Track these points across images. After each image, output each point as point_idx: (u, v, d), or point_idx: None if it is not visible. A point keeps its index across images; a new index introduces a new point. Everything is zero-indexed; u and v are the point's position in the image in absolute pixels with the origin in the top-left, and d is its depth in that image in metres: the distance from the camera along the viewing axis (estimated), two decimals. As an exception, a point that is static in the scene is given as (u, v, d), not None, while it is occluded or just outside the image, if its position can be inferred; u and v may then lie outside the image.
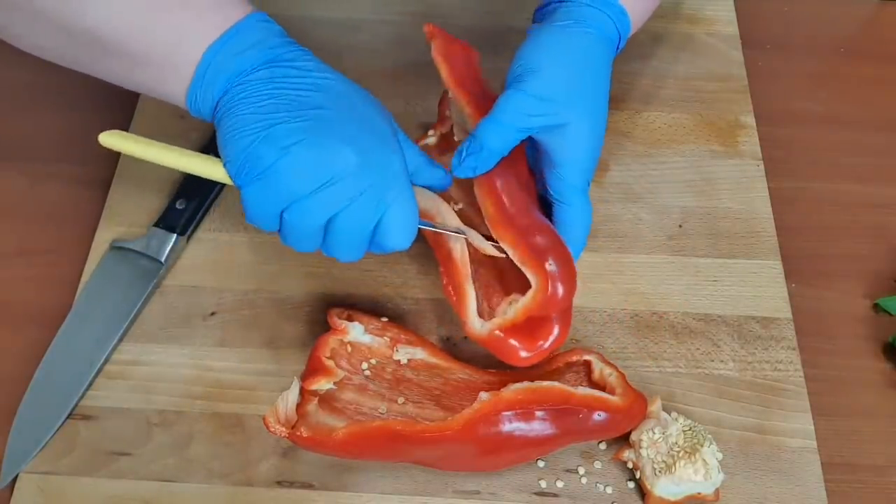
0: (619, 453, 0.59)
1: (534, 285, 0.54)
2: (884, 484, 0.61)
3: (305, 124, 0.48)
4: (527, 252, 0.54)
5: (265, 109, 0.48)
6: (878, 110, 0.79)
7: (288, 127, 0.48)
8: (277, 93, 0.48)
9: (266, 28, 0.51)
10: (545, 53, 0.55)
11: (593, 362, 0.59)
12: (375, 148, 0.49)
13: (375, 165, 0.49)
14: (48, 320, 0.65)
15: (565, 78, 0.55)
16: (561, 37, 0.56)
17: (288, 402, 0.57)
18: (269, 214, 0.50)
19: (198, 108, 0.51)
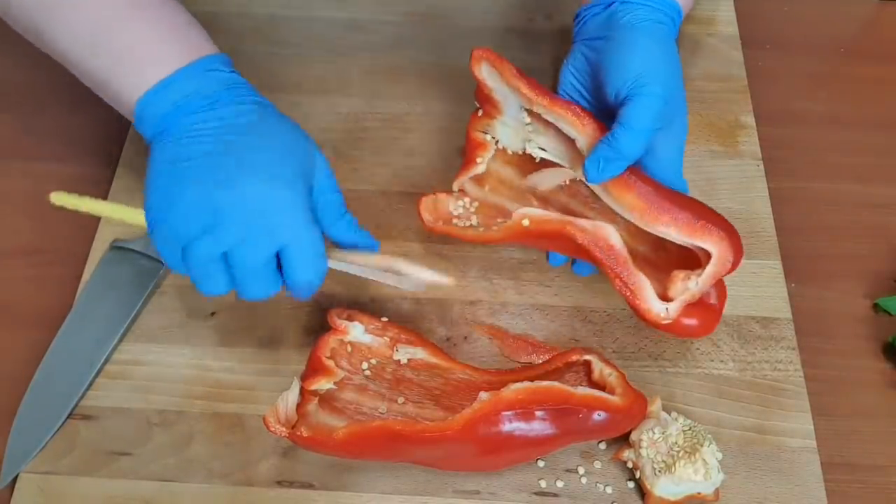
0: (619, 453, 0.59)
1: (715, 253, 0.56)
2: (884, 484, 0.61)
3: (196, 173, 0.52)
4: (693, 227, 0.56)
5: (170, 160, 0.53)
6: (878, 110, 0.79)
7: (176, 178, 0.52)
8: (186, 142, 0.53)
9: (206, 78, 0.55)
10: (649, 58, 0.58)
11: (593, 362, 0.59)
12: (264, 190, 0.52)
13: (263, 207, 0.51)
14: (48, 320, 0.65)
15: (671, 79, 0.58)
16: (652, 39, 0.59)
17: (288, 402, 0.57)
18: (172, 256, 0.53)
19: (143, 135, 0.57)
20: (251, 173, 0.52)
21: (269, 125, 0.55)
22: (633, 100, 0.56)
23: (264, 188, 0.52)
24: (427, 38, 0.82)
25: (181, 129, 0.54)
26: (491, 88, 0.63)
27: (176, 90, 0.54)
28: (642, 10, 0.61)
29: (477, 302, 0.67)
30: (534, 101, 0.60)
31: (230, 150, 0.53)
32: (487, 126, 0.65)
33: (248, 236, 0.51)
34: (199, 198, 0.51)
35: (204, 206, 0.51)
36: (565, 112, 0.60)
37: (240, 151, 0.53)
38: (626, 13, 0.61)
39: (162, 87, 0.54)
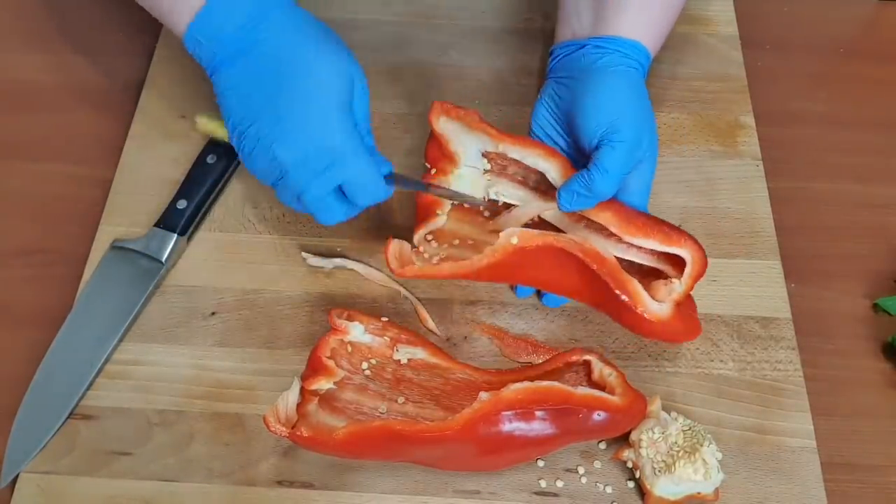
0: (619, 453, 0.59)
1: (690, 258, 0.59)
2: (884, 484, 0.61)
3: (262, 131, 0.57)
4: (667, 237, 0.60)
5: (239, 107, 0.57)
6: (878, 110, 0.79)
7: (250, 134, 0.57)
8: (247, 90, 0.57)
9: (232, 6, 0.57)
10: (622, 104, 0.61)
11: (593, 362, 0.59)
12: (315, 138, 0.56)
13: (315, 155, 0.56)
14: (48, 320, 0.65)
15: (643, 122, 0.61)
16: (624, 84, 0.62)
17: (288, 402, 0.57)
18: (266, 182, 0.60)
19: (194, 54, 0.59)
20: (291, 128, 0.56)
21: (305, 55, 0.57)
22: (607, 145, 0.59)
23: (310, 140, 0.56)
24: (427, 38, 0.82)
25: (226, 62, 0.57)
26: (449, 140, 0.64)
27: (221, 12, 0.56)
28: (615, 55, 0.63)
29: (477, 302, 0.67)
30: (502, 140, 0.62)
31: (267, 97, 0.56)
32: (443, 182, 0.65)
33: (310, 178, 0.57)
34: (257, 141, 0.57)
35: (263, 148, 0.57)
36: (534, 147, 0.62)
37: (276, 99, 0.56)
38: (599, 56, 0.63)
39: (205, 11, 0.56)
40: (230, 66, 0.57)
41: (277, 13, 0.57)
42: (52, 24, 0.83)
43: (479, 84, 0.79)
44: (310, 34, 0.58)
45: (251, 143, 0.57)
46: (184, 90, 0.77)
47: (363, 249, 0.69)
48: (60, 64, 0.80)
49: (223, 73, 0.57)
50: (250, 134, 0.57)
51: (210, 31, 0.56)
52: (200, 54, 0.58)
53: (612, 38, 0.63)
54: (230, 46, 0.57)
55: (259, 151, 0.57)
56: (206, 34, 0.57)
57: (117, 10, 0.83)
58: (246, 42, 0.57)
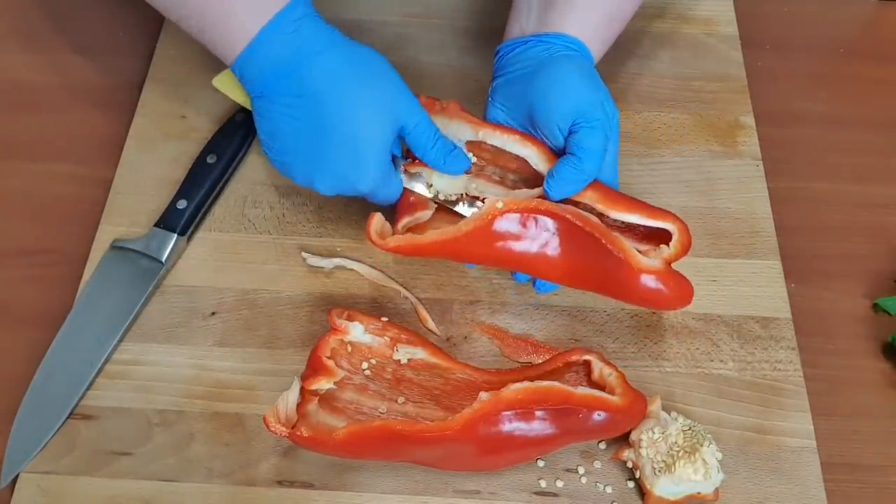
0: (619, 453, 0.59)
1: (675, 229, 0.60)
2: (884, 484, 0.61)
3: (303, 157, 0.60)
4: (651, 212, 0.61)
5: (279, 139, 0.60)
6: (878, 110, 0.79)
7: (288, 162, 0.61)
8: (291, 122, 0.59)
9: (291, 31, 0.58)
10: (583, 88, 0.62)
11: (593, 362, 0.59)
12: (349, 175, 0.60)
13: (347, 187, 0.60)
14: (48, 320, 0.65)
15: (605, 101, 0.62)
16: (577, 68, 0.63)
17: (288, 402, 0.57)
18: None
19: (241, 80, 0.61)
20: (329, 163, 0.59)
21: (349, 93, 0.59)
22: (584, 128, 0.60)
23: (345, 177, 0.60)
24: (427, 38, 0.82)
25: (271, 93, 0.59)
26: None
27: (266, 52, 0.58)
28: (558, 46, 0.64)
29: (477, 302, 0.67)
30: (482, 127, 0.63)
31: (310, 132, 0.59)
32: (425, 176, 0.64)
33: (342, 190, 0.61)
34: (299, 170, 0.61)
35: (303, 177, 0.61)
36: (513, 133, 0.63)
37: (318, 136, 0.59)
38: (545, 49, 0.64)
39: (253, 47, 0.58)
40: (272, 100, 0.59)
41: (321, 56, 0.59)
42: (53, 25, 0.83)
43: (478, 84, 0.79)
44: (353, 74, 0.59)
45: (289, 169, 0.61)
46: (184, 90, 0.77)
47: (363, 249, 0.69)
48: (60, 64, 0.80)
49: (265, 104, 0.60)
50: (288, 162, 0.61)
51: (254, 70, 0.59)
52: (245, 84, 0.61)
53: (557, 34, 0.64)
54: (273, 84, 0.59)
55: (297, 176, 0.61)
56: (250, 71, 0.59)
57: (117, 10, 0.83)
58: (289, 81, 0.58)
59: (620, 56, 0.80)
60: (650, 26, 0.83)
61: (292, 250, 0.69)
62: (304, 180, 0.61)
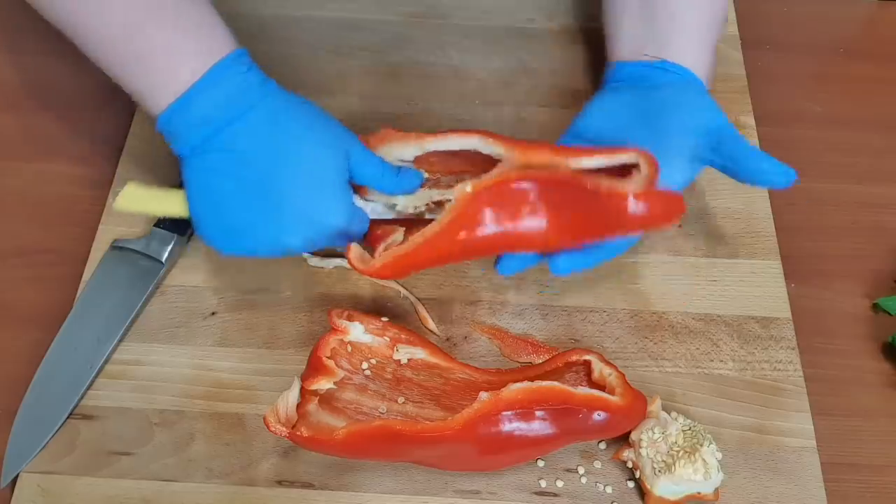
0: (619, 453, 0.59)
1: (640, 158, 0.59)
2: (884, 484, 0.61)
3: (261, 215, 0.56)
4: (610, 151, 0.59)
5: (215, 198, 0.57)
6: (877, 110, 0.79)
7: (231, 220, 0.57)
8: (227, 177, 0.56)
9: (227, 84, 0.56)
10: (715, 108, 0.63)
11: (593, 362, 0.59)
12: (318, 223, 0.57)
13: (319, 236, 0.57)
14: (48, 320, 0.65)
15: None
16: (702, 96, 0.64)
17: (288, 402, 0.57)
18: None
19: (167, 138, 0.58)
20: (294, 217, 0.56)
21: (297, 140, 0.57)
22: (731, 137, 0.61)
23: (314, 226, 0.57)
24: (427, 38, 0.82)
25: (209, 152, 0.56)
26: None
27: (198, 106, 0.55)
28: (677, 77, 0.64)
29: (477, 302, 0.67)
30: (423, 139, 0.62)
31: (264, 188, 0.56)
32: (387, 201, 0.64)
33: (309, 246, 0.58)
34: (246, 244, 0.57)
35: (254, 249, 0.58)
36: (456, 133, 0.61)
37: (274, 189, 0.56)
38: (673, 77, 0.64)
39: (185, 99, 0.55)
40: (210, 146, 0.56)
41: (259, 105, 0.57)
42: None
43: (479, 84, 0.79)
44: (295, 118, 0.58)
45: (246, 237, 0.57)
46: (184, 90, 0.77)
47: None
48: (60, 64, 0.80)
49: (202, 155, 0.56)
50: (242, 227, 0.57)
51: (188, 120, 0.55)
52: (175, 141, 0.57)
53: (676, 65, 0.64)
54: (210, 128, 0.56)
55: (260, 241, 0.57)
56: (183, 122, 0.55)
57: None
58: (230, 123, 0.56)
59: (620, 56, 0.80)
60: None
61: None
62: (269, 242, 0.57)
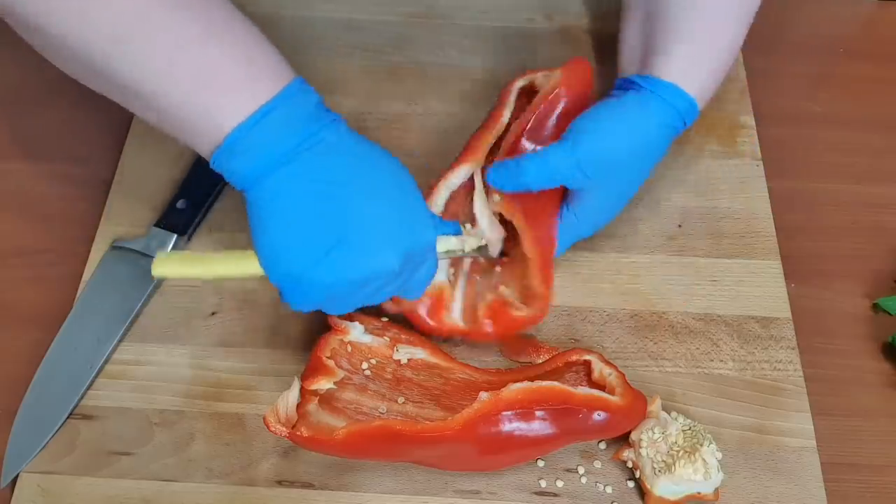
0: (619, 453, 0.59)
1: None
2: (884, 484, 0.61)
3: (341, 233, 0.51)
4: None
5: (299, 216, 0.51)
6: (877, 110, 0.79)
7: (322, 238, 0.51)
8: (311, 193, 0.51)
9: (295, 106, 0.51)
10: (600, 123, 0.59)
11: (593, 362, 0.59)
12: (414, 238, 0.53)
13: (412, 258, 0.54)
14: (48, 320, 0.65)
15: (608, 150, 0.58)
16: (620, 112, 0.60)
17: (288, 402, 0.57)
18: (306, 305, 0.54)
19: (225, 175, 0.52)
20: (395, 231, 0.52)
21: (377, 161, 0.54)
22: (559, 140, 0.58)
23: (419, 234, 0.54)
24: (427, 38, 0.82)
25: (285, 177, 0.51)
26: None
27: (268, 125, 0.50)
28: (647, 94, 0.60)
29: (477, 302, 0.67)
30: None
31: (358, 205, 0.52)
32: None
33: (392, 288, 0.55)
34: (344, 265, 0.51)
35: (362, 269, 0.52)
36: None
37: (370, 205, 0.52)
38: (634, 93, 0.60)
39: (252, 122, 0.49)
40: (286, 171, 0.50)
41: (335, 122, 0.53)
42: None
43: (478, 84, 0.79)
44: (368, 143, 0.54)
45: (343, 260, 0.50)
46: (184, 90, 0.77)
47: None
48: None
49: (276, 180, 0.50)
50: (340, 250, 0.50)
51: (257, 140, 0.49)
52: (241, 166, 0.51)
53: (651, 78, 0.60)
54: (284, 150, 0.50)
55: (362, 263, 0.51)
56: (253, 142, 0.49)
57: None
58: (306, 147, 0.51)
59: (620, 56, 0.80)
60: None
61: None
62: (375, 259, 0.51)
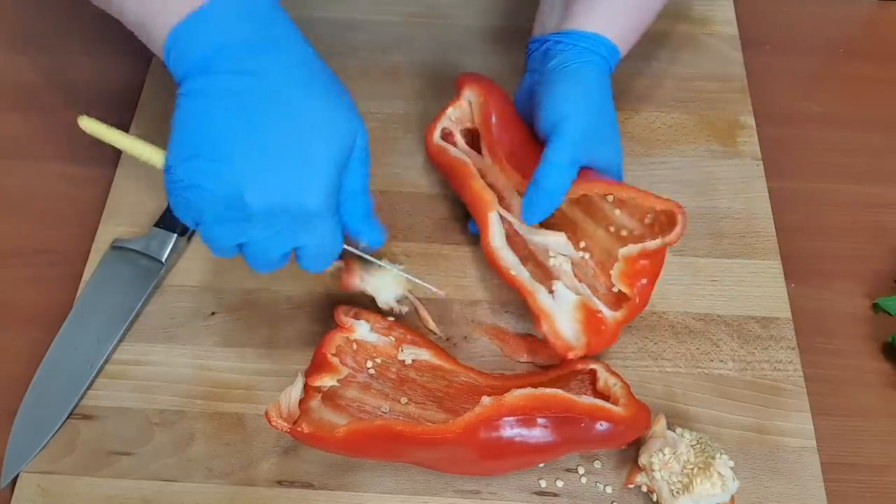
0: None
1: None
2: (884, 484, 0.61)
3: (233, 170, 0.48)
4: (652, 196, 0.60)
5: (205, 126, 0.49)
6: (877, 110, 0.79)
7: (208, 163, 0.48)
8: (223, 108, 0.48)
9: (240, 7, 0.49)
10: (569, 101, 0.61)
11: (598, 371, 0.59)
12: (292, 190, 0.49)
13: (285, 211, 0.50)
14: (48, 320, 0.65)
15: (591, 117, 0.61)
16: (575, 82, 0.62)
17: (291, 398, 0.57)
18: (189, 221, 0.52)
19: (171, 70, 0.51)
20: (270, 169, 0.49)
21: (307, 90, 0.50)
22: (550, 140, 0.59)
23: (286, 192, 0.49)
24: (427, 38, 0.82)
25: (215, 78, 0.48)
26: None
27: (210, 27, 0.48)
28: (572, 51, 0.63)
29: (477, 302, 0.67)
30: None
31: (265, 124, 0.49)
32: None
33: (269, 236, 0.51)
34: (225, 177, 0.48)
35: (229, 187, 0.48)
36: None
37: (276, 131, 0.49)
38: (556, 54, 0.63)
39: (194, 19, 0.48)
40: (210, 79, 0.48)
41: (286, 40, 0.51)
42: (52, 25, 0.83)
43: (479, 84, 0.79)
44: (317, 76, 0.52)
45: (210, 179, 0.48)
46: (184, 90, 0.77)
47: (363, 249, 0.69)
48: (60, 64, 0.80)
49: (197, 85, 0.49)
50: (212, 170, 0.48)
51: (200, 36, 0.48)
52: (179, 58, 0.49)
53: (571, 31, 0.63)
54: (217, 57, 0.48)
55: (219, 190, 0.48)
56: (193, 38, 0.48)
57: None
58: (237, 51, 0.48)
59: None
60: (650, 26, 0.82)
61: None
62: (228, 190, 0.48)
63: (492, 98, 0.66)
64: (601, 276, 0.63)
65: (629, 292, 0.60)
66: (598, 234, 0.64)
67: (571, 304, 0.61)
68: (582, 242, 0.64)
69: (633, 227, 0.63)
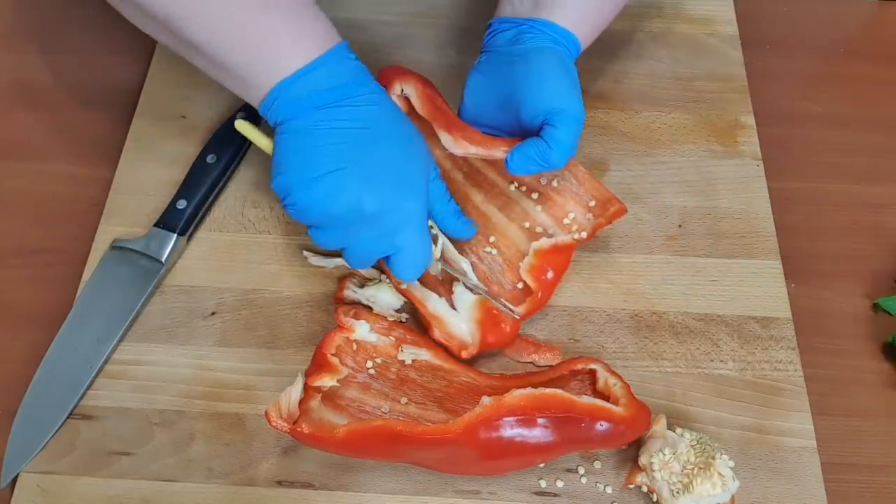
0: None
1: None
2: (884, 484, 0.61)
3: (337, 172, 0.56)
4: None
5: (310, 144, 0.57)
6: (877, 110, 0.79)
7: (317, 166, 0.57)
8: (325, 130, 0.57)
9: (337, 67, 0.58)
10: (562, 83, 0.63)
11: (598, 371, 0.59)
12: (396, 197, 0.57)
13: (391, 213, 0.57)
14: (48, 320, 0.65)
15: (579, 98, 0.63)
16: (560, 63, 0.64)
17: (291, 398, 0.57)
18: (299, 218, 0.59)
19: (266, 117, 0.59)
20: (379, 181, 0.57)
21: (397, 125, 0.60)
22: (561, 122, 0.61)
23: (406, 199, 0.58)
24: (427, 38, 0.82)
25: (314, 117, 0.57)
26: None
27: (311, 79, 0.57)
28: (547, 38, 0.65)
29: (477, 302, 0.67)
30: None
31: (361, 150, 0.57)
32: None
33: (366, 239, 0.58)
34: (327, 193, 0.56)
35: (338, 206, 0.56)
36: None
37: (370, 154, 0.57)
38: (534, 37, 0.65)
39: (298, 76, 0.57)
40: (316, 113, 0.57)
41: (369, 88, 0.59)
42: (53, 25, 0.83)
43: (479, 84, 0.78)
44: (398, 113, 0.61)
45: (328, 188, 0.56)
46: (184, 90, 0.77)
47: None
48: (60, 64, 0.80)
49: (306, 119, 0.57)
50: (329, 179, 0.56)
51: (301, 90, 0.57)
52: (274, 112, 0.58)
53: (548, 22, 0.65)
54: (320, 100, 0.57)
55: (340, 197, 0.56)
56: (297, 91, 0.57)
57: (117, 11, 0.83)
58: (339, 98, 0.57)
59: (620, 56, 0.80)
60: (650, 26, 0.83)
61: (292, 250, 0.69)
62: (351, 196, 0.56)
63: (425, 83, 0.67)
64: (507, 273, 0.65)
65: (534, 286, 0.62)
66: (511, 231, 0.66)
67: (469, 304, 0.63)
68: (492, 238, 0.67)
69: (550, 225, 0.66)
